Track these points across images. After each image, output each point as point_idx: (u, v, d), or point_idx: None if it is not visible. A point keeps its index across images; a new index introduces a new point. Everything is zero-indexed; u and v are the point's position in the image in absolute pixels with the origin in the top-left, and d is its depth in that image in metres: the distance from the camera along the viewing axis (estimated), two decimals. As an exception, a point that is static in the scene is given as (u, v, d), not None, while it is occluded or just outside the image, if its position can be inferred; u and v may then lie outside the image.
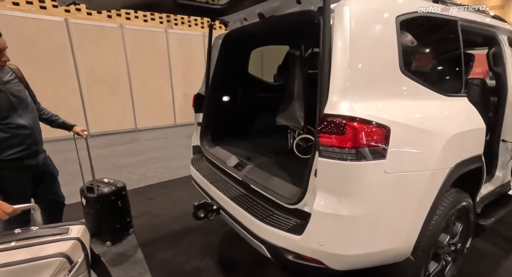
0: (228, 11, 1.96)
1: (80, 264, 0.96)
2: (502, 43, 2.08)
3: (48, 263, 0.89)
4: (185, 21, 7.49)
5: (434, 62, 1.59)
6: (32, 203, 1.09)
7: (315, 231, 1.21)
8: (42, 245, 0.93)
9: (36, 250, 0.90)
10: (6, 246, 0.89)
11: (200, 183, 2.05)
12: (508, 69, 2.09)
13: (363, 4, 1.22)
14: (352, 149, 1.10)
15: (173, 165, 4.32)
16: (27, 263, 0.86)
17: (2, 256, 0.86)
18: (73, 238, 0.98)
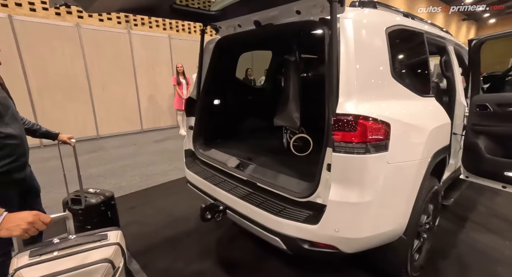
0: (222, 17, 2.03)
1: (121, 269, 0.96)
2: (450, 52, 2.50)
3: (95, 269, 0.88)
4: (145, 22, 7.20)
5: (411, 68, 1.87)
6: (67, 212, 1.04)
7: (331, 219, 1.35)
8: (85, 252, 0.92)
9: (81, 258, 0.89)
10: (49, 257, 0.87)
11: (201, 185, 2.06)
12: (455, 74, 2.51)
13: (360, 17, 1.41)
14: (362, 143, 1.26)
15: (149, 172, 4.15)
16: (75, 271, 0.85)
17: (47, 266, 0.83)
18: (113, 243, 0.98)
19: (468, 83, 2.42)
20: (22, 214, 0.87)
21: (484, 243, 2.38)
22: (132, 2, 1.63)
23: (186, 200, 3.17)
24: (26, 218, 0.86)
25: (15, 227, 0.83)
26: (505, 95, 2.20)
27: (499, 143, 2.26)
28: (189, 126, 2.41)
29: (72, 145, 2.00)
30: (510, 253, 2.26)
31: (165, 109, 7.49)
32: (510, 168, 2.19)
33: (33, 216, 0.87)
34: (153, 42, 6.96)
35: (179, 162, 4.55)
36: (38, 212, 0.90)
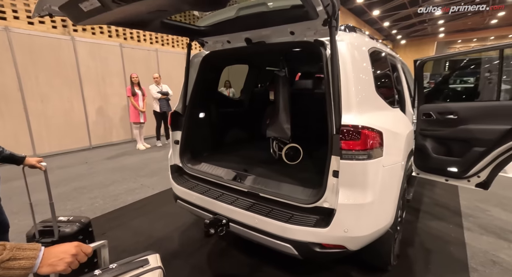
0: (212, 33, 2.06)
1: (165, 292, 0.94)
2: (399, 69, 2.98)
3: (147, 295, 0.84)
4: (87, 28, 6.58)
5: (383, 83, 2.18)
6: (104, 240, 0.95)
7: (340, 221, 1.49)
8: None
9: None
10: None
11: (197, 201, 2.01)
12: (404, 87, 2.99)
13: (352, 41, 1.63)
14: (365, 150, 1.45)
15: (112, 192, 3.77)
16: (131, 300, 0.80)
17: (101, 299, 0.76)
18: (157, 267, 0.96)
19: (414, 95, 2.92)
20: (63, 247, 0.80)
21: (436, 229, 2.84)
22: (124, 17, 1.56)
23: (163, 219, 3.00)
24: (69, 250, 0.79)
25: (59, 262, 0.76)
26: (444, 105, 2.71)
27: (442, 144, 2.76)
28: (174, 140, 2.33)
29: (43, 169, 1.76)
30: (455, 234, 2.74)
31: (117, 122, 6.89)
32: (451, 164, 2.70)
33: (75, 247, 0.80)
34: (102, 51, 6.41)
35: (145, 179, 4.27)
36: (79, 243, 0.82)
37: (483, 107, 2.42)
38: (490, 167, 2.47)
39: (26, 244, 0.76)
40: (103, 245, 0.96)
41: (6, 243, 0.73)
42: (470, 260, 2.32)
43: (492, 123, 2.33)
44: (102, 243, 0.95)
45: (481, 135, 2.42)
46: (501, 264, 2.27)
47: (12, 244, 0.74)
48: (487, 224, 2.92)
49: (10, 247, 0.72)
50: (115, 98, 6.78)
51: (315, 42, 1.66)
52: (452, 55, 3.78)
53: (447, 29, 26.94)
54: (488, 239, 2.64)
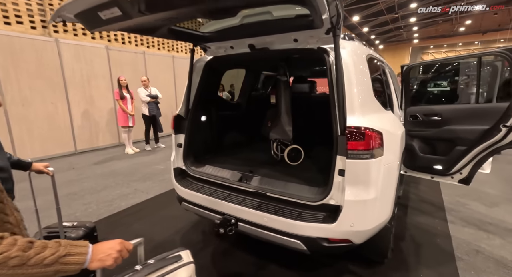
0: (216, 39, 2.12)
1: (198, 286, 1.01)
2: (387, 74, 3.18)
3: (185, 288, 0.91)
4: (69, 29, 6.37)
5: (378, 87, 2.34)
6: (141, 238, 0.99)
7: (347, 217, 1.60)
8: (171, 273, 0.94)
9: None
10: None
11: (204, 202, 2.05)
12: (392, 91, 3.20)
13: (354, 48, 1.76)
14: (368, 150, 1.57)
15: (106, 197, 3.70)
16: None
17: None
18: (190, 262, 1.02)
19: (402, 98, 3.12)
20: (109, 244, 0.84)
21: (423, 223, 3.04)
22: (138, 24, 1.60)
23: (162, 222, 2.99)
24: (115, 246, 0.83)
25: (107, 257, 0.80)
26: (429, 108, 2.93)
27: (428, 144, 2.97)
28: (177, 143, 2.36)
29: (51, 174, 1.75)
30: (441, 228, 2.95)
31: (103, 126, 6.71)
32: (436, 162, 2.91)
33: (119, 244, 0.85)
34: (88, 53, 6.24)
35: (138, 184, 4.21)
36: (122, 240, 0.87)
37: (464, 109, 2.65)
38: (471, 164, 2.70)
39: (76, 241, 0.80)
40: (140, 242, 1.00)
41: (60, 240, 0.76)
42: (455, 250, 2.52)
43: (473, 124, 2.55)
44: (139, 241, 0.99)
45: (463, 135, 2.64)
46: (483, 252, 2.48)
47: (64, 241, 0.77)
48: (468, 217, 3.16)
49: (64, 243, 0.77)
50: (102, 102, 6.60)
51: (318, 49, 1.77)
52: (436, 61, 4.09)
53: (421, 35, 28.59)
54: (469, 231, 2.86)
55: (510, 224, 2.98)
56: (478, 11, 19.64)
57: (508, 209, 3.34)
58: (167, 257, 1.01)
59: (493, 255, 2.45)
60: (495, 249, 2.53)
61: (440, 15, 25.53)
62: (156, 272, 0.92)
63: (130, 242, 0.93)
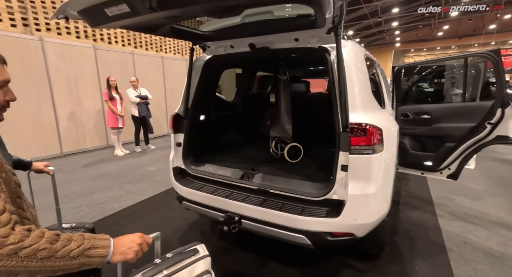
0: (216, 38, 2.13)
1: (214, 276, 1.04)
2: (379, 73, 3.29)
3: (203, 280, 0.93)
4: (51, 28, 6.14)
5: (374, 86, 2.42)
6: (158, 232, 0.99)
7: (350, 211, 1.65)
8: (190, 266, 0.97)
9: (190, 271, 0.96)
10: (163, 275, 0.91)
11: (206, 201, 2.05)
12: (382, 89, 3.31)
13: (353, 48, 1.82)
14: (370, 146, 1.63)
15: (97, 200, 3.60)
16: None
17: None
18: (207, 255, 1.05)
19: (393, 97, 3.24)
20: (130, 237, 0.85)
21: (415, 217, 3.16)
22: (142, 22, 1.59)
23: (158, 224, 2.95)
24: (136, 240, 0.84)
25: (128, 250, 0.81)
26: (419, 106, 3.07)
27: (418, 141, 3.10)
28: (176, 143, 2.34)
29: (51, 173, 1.70)
30: (431, 221, 3.07)
31: (91, 128, 6.51)
32: (426, 159, 3.04)
33: (139, 238, 0.86)
34: (74, 52, 6.05)
35: (130, 186, 4.12)
36: (142, 234, 0.88)
37: (452, 108, 2.80)
38: (458, 160, 2.84)
39: (99, 235, 0.80)
40: (157, 236, 1.01)
41: (84, 234, 0.76)
42: (446, 242, 2.64)
43: (460, 122, 2.69)
44: (156, 235, 1.00)
45: (451, 132, 2.78)
46: (471, 244, 2.61)
47: (87, 234, 0.77)
48: (455, 211, 3.31)
49: (88, 237, 0.77)
50: (89, 102, 6.41)
51: (319, 48, 1.82)
52: (425, 62, 4.27)
53: (402, 39, 29.76)
54: (457, 224, 3.00)
55: (493, 217, 3.15)
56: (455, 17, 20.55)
57: (491, 203, 3.52)
58: (184, 251, 1.02)
59: (480, 245, 2.58)
60: (482, 240, 2.67)
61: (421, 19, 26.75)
62: (175, 265, 0.95)
63: (149, 235, 0.93)
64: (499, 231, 2.82)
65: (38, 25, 5.86)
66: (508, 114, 2.42)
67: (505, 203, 3.50)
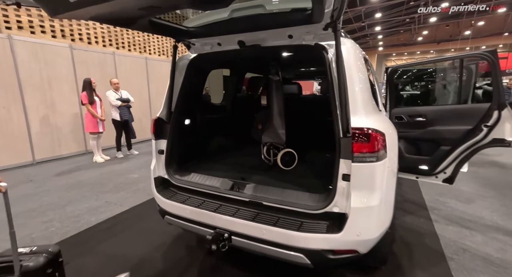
0: (202, 34, 1.94)
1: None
2: (372, 73, 3.19)
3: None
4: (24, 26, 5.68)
5: (372, 87, 2.29)
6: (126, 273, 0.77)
7: (353, 225, 1.48)
8: None
9: None
10: None
11: (192, 215, 1.83)
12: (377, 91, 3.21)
13: (352, 45, 1.67)
14: (374, 152, 1.48)
15: (72, 213, 3.27)
16: None
17: None
18: None
19: (386, 99, 3.15)
20: None
21: (410, 223, 3.06)
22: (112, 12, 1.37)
23: (139, 238, 2.68)
24: None
25: None
26: (413, 109, 2.98)
27: (413, 144, 3.01)
28: (158, 150, 2.11)
29: (3, 191, 1.43)
30: (427, 227, 2.98)
31: (67, 133, 6.08)
32: (421, 163, 2.95)
33: None
34: (48, 52, 5.64)
35: (109, 196, 3.80)
36: None
37: (448, 110, 2.72)
38: (454, 163, 2.76)
39: None
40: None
41: None
42: (445, 249, 2.54)
43: (456, 124, 2.62)
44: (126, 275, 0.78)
45: (446, 135, 2.70)
46: (470, 250, 2.52)
47: None
48: (449, 215, 3.24)
49: None
50: (65, 106, 6.00)
51: (316, 46, 1.66)
52: (420, 63, 4.24)
53: (385, 43, 30.69)
54: (453, 229, 2.92)
55: (487, 220, 3.10)
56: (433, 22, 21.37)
57: (482, 205, 3.49)
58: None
59: (479, 252, 2.50)
60: (480, 246, 2.59)
61: (402, 25, 27.69)
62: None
63: None
64: (495, 236, 2.76)
65: (8, 23, 5.43)
66: (504, 116, 2.36)
67: (496, 205, 3.48)
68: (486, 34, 25.33)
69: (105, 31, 7.73)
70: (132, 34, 8.67)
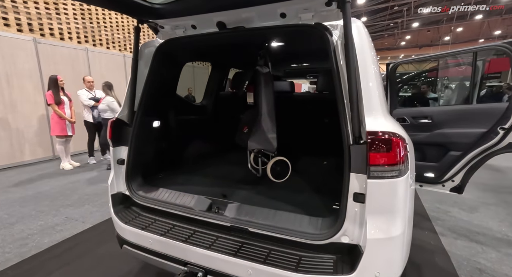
0: (170, 14, 1.52)
1: None
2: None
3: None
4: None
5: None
6: None
7: (371, 263, 1.10)
8: None
9: None
10: None
11: (156, 246, 1.39)
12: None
13: (362, 25, 1.30)
14: (396, 165, 1.11)
15: (20, 233, 2.73)
16: None
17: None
18: None
19: (387, 99, 2.83)
20: None
21: (415, 237, 2.50)
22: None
23: (101, 265, 2.21)
24: None
25: None
26: (417, 109, 2.68)
27: (418, 149, 2.69)
28: (118, 159, 1.66)
29: None
30: (434, 242, 2.66)
31: (31, 136, 5.44)
32: (427, 169, 2.64)
33: None
34: (6, 46, 5.00)
35: (71, 210, 3.27)
36: None
37: (457, 111, 2.42)
38: (464, 170, 2.46)
39: None
40: None
41: None
42: (458, 271, 2.22)
43: (467, 127, 2.32)
44: None
45: (456, 139, 2.40)
46: (486, 271, 2.22)
47: None
48: (454, 227, 2.95)
49: None
50: (28, 106, 5.36)
51: (317, 26, 1.29)
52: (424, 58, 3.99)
53: (370, 47, 31.26)
54: (463, 244, 2.62)
55: (496, 232, 2.83)
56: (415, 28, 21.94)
57: (488, 214, 3.24)
58: None
59: (496, 273, 2.19)
60: (495, 265, 2.29)
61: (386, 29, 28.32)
62: None
63: None
64: (509, 252, 2.48)
65: None
66: (523, 118, 2.07)
67: (502, 214, 3.23)
68: (464, 40, 26.33)
69: (80, 26, 7.14)
70: (111, 30, 8.09)
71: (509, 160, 5.54)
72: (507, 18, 22.62)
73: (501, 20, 23.02)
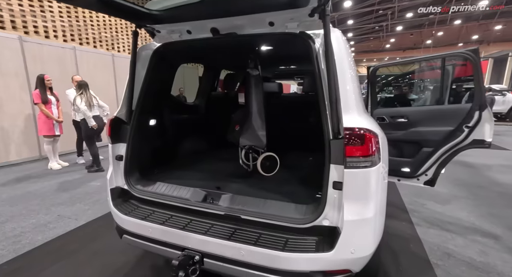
0: (168, 20, 1.64)
1: None
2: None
3: None
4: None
5: None
6: None
7: (347, 241, 1.27)
8: None
9: None
10: None
11: (156, 234, 1.52)
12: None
13: (340, 34, 1.48)
14: (369, 156, 1.28)
15: (12, 231, 2.75)
16: None
17: None
18: None
19: (367, 99, 3.04)
20: None
21: (393, 227, 2.97)
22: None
23: (96, 260, 2.30)
24: None
25: None
26: (395, 110, 2.90)
27: (395, 146, 2.92)
28: (116, 155, 1.77)
29: None
30: (411, 232, 2.90)
31: (17, 136, 5.36)
32: (404, 165, 2.87)
33: None
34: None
35: (63, 208, 3.31)
36: None
37: (430, 111, 2.66)
38: (435, 165, 2.70)
39: None
40: None
41: None
42: (429, 255, 2.45)
43: (438, 125, 2.56)
44: None
45: (428, 136, 2.63)
46: (453, 255, 2.45)
47: None
48: (429, 217, 3.21)
49: None
50: (13, 105, 5.28)
51: (301, 34, 1.45)
52: (401, 62, 4.25)
53: (356, 49, 32.14)
54: (435, 232, 2.87)
55: (465, 222, 3.10)
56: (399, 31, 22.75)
57: (459, 206, 3.52)
58: None
59: (462, 256, 2.43)
60: (462, 250, 2.54)
61: (371, 32, 29.11)
62: None
63: None
64: (475, 238, 2.74)
65: None
66: (485, 117, 2.32)
67: (471, 206, 3.52)
68: (445, 43, 27.50)
69: (65, 25, 7.04)
70: (98, 29, 8.01)
71: (482, 157, 5.95)
72: (483, 24, 23.84)
73: (478, 25, 24.22)
